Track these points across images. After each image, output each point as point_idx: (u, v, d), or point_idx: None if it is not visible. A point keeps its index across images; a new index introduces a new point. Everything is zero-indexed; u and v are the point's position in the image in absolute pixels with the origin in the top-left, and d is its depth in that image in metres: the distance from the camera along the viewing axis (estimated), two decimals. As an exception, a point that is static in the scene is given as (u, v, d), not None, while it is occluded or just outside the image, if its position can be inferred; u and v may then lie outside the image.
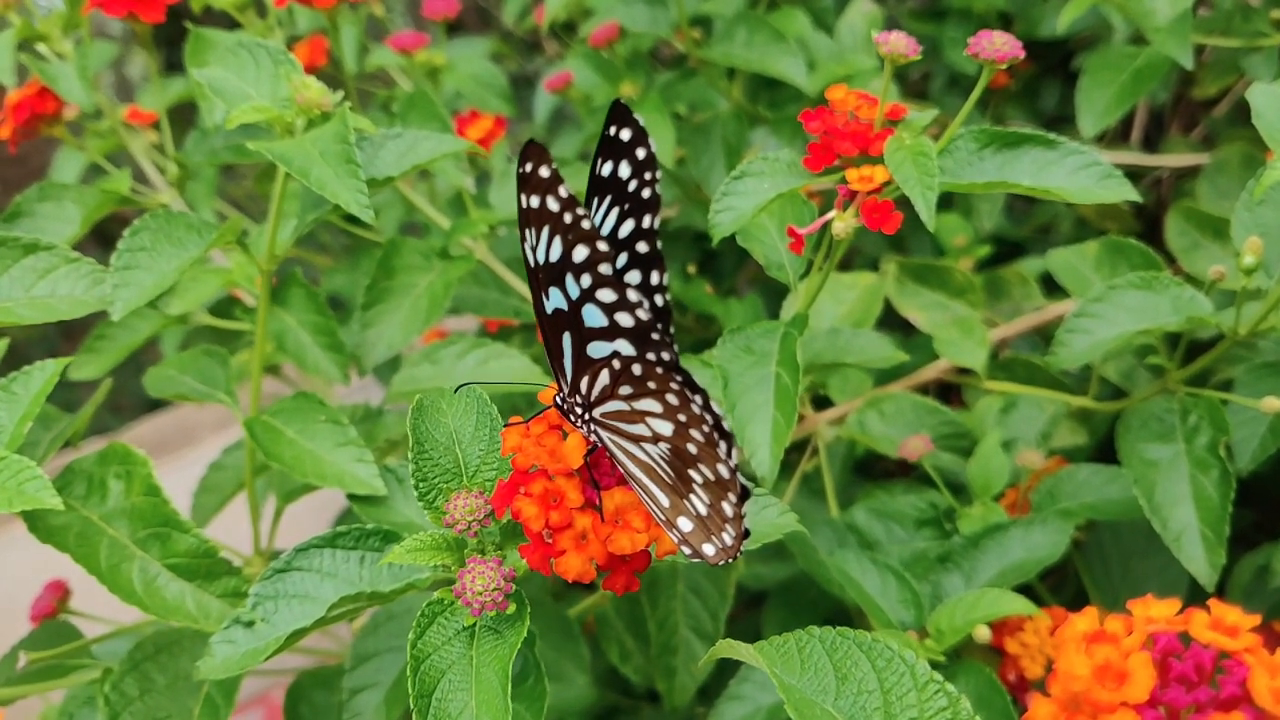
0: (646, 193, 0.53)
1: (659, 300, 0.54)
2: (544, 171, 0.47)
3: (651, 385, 0.48)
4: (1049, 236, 1.37)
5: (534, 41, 1.82)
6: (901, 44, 0.64)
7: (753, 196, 0.69)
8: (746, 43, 1.07)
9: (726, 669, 0.70)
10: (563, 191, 0.47)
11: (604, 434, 0.51)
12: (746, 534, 0.51)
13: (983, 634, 0.73)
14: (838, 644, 0.49)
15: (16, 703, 0.71)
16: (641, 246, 0.53)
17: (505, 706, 0.46)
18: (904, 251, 1.30)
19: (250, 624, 0.56)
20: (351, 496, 0.67)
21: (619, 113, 0.52)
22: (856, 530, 0.88)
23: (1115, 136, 1.37)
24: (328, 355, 0.81)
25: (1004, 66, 0.63)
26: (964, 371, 0.99)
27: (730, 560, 0.50)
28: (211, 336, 1.02)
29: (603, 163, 0.52)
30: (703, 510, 0.50)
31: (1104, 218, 1.27)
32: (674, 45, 1.20)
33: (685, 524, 0.50)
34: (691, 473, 0.49)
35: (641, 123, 0.52)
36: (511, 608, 0.50)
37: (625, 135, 0.52)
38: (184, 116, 1.29)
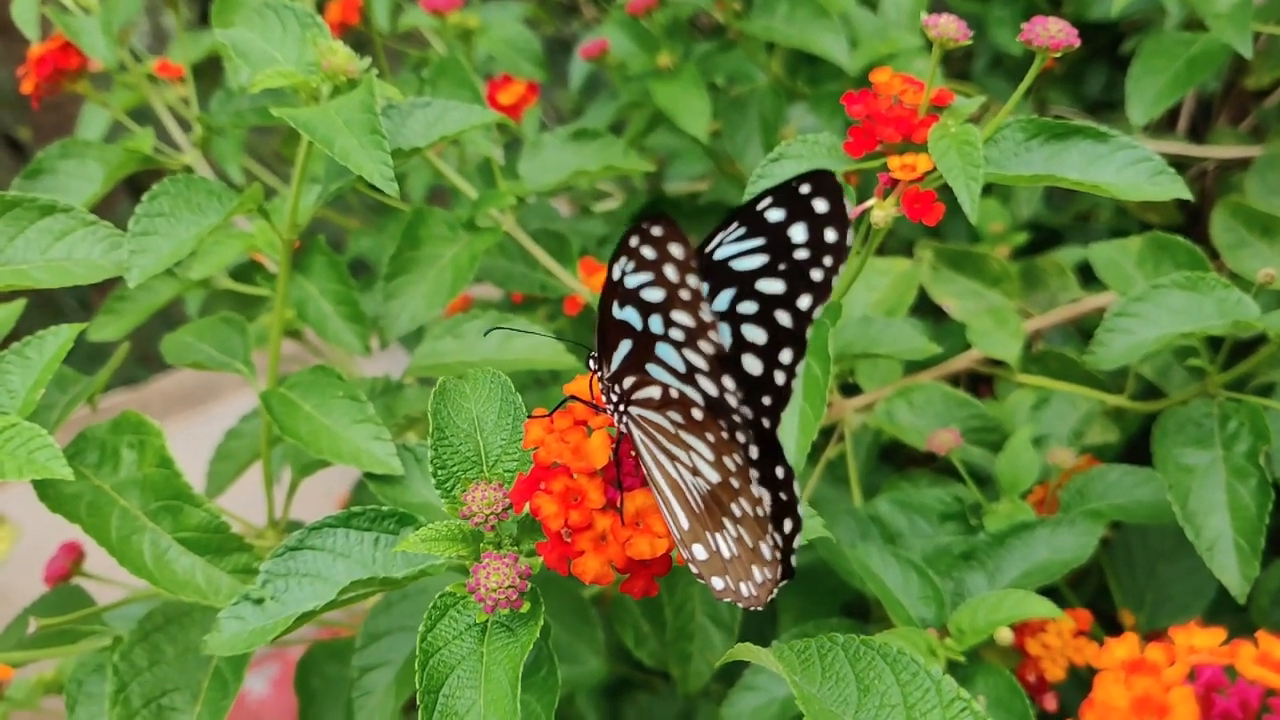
0: (816, 275, 0.46)
1: (779, 378, 0.48)
2: (676, 251, 0.41)
3: (709, 437, 0.45)
4: (1088, 224, 1.34)
5: (571, 5, 1.79)
6: (952, 28, 0.62)
7: (789, 180, 0.66)
8: (788, 17, 1.04)
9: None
10: (691, 281, 0.42)
11: (637, 431, 0.49)
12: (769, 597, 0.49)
13: (1005, 636, 0.72)
14: (861, 653, 0.47)
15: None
16: (782, 317, 0.47)
17: (514, 710, 0.45)
18: (939, 236, 1.27)
19: (260, 601, 0.55)
20: (368, 475, 0.66)
21: (823, 182, 0.45)
22: (879, 521, 0.87)
23: (1161, 125, 1.33)
24: (348, 326, 0.79)
25: (1058, 55, 0.61)
26: (996, 363, 0.97)
27: (736, 603, 0.49)
28: (233, 300, 1.01)
29: (772, 206, 0.46)
30: (725, 552, 0.47)
31: (1145, 209, 1.24)
32: (713, 16, 1.17)
33: (700, 552, 0.48)
34: (725, 519, 0.47)
35: (848, 208, 0.45)
36: (526, 606, 0.49)
37: (819, 206, 0.45)
38: (216, 71, 1.28)
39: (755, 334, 0.48)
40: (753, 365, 0.48)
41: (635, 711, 1.16)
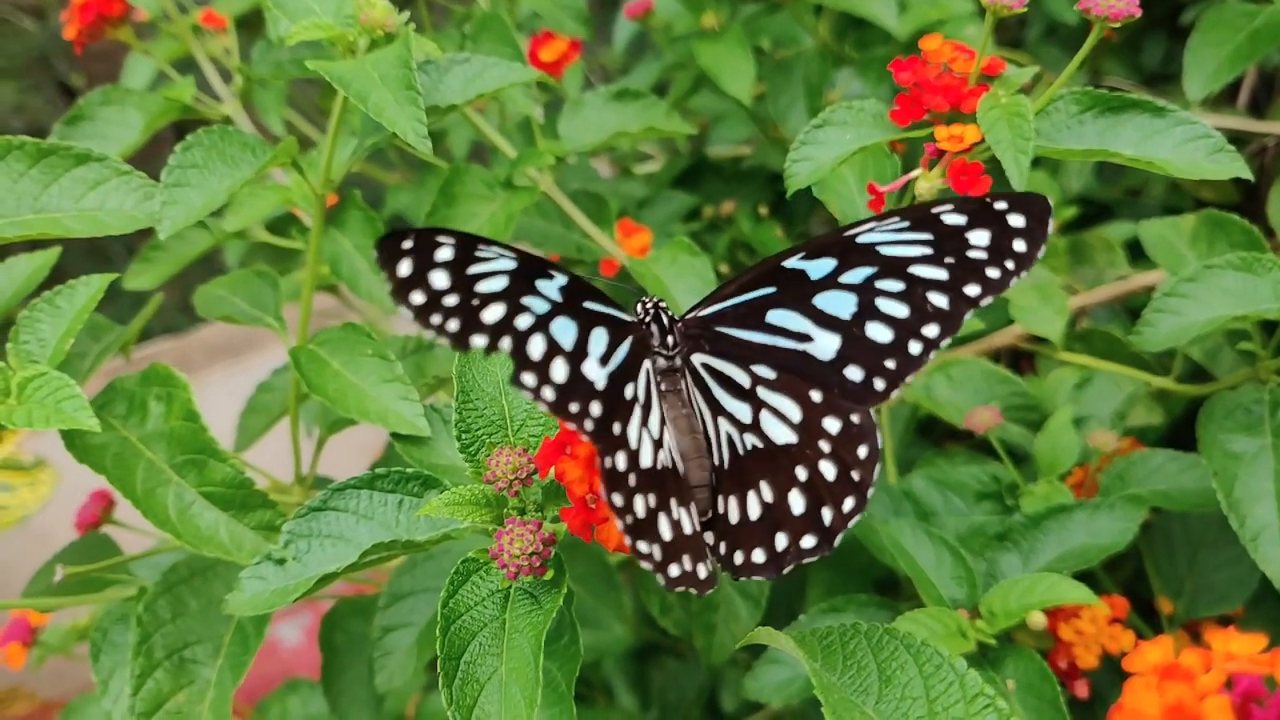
0: (993, 273, 0.50)
1: (915, 347, 0.51)
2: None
3: None
4: (1139, 199, 1.31)
5: (617, -39, 1.77)
6: (1007, -7, 0.60)
7: (834, 147, 0.65)
8: (837, -21, 1.01)
9: (769, 623, 0.68)
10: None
11: None
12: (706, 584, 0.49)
13: (1037, 620, 0.71)
14: (884, 643, 0.46)
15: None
16: (937, 299, 0.51)
17: (536, 679, 0.45)
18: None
19: (281, 562, 0.55)
20: (394, 435, 0.66)
21: (1030, 204, 0.50)
22: (913, 498, 0.85)
23: (1221, 98, 1.29)
24: (381, 283, 0.79)
25: (1118, 25, 0.59)
26: (1039, 339, 0.95)
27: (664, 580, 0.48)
28: (272, 253, 1.01)
29: (953, 213, 0.50)
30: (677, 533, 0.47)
31: (1199, 185, 1.20)
32: (761, -24, 1.15)
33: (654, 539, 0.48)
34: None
35: (1048, 228, 0.50)
36: (549, 574, 0.48)
37: (1015, 221, 0.50)
38: (261, 22, 1.27)
39: (895, 308, 0.51)
40: (880, 333, 0.51)
41: (663, 676, 1.16)
